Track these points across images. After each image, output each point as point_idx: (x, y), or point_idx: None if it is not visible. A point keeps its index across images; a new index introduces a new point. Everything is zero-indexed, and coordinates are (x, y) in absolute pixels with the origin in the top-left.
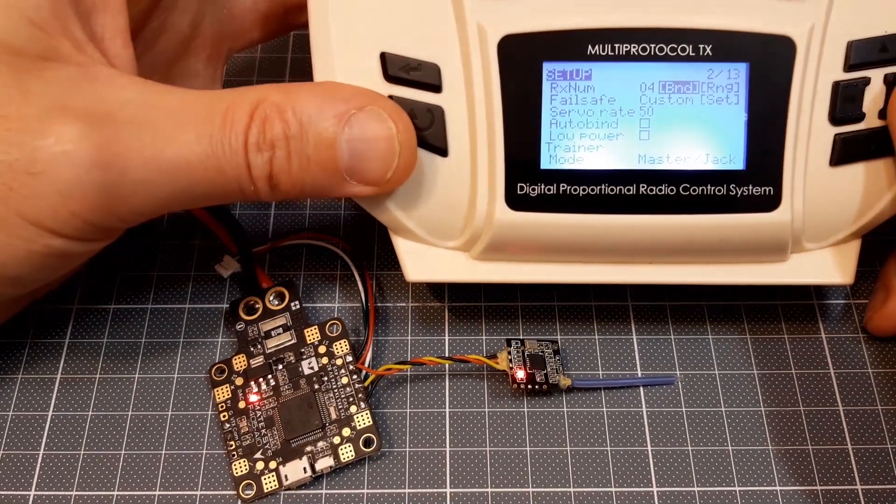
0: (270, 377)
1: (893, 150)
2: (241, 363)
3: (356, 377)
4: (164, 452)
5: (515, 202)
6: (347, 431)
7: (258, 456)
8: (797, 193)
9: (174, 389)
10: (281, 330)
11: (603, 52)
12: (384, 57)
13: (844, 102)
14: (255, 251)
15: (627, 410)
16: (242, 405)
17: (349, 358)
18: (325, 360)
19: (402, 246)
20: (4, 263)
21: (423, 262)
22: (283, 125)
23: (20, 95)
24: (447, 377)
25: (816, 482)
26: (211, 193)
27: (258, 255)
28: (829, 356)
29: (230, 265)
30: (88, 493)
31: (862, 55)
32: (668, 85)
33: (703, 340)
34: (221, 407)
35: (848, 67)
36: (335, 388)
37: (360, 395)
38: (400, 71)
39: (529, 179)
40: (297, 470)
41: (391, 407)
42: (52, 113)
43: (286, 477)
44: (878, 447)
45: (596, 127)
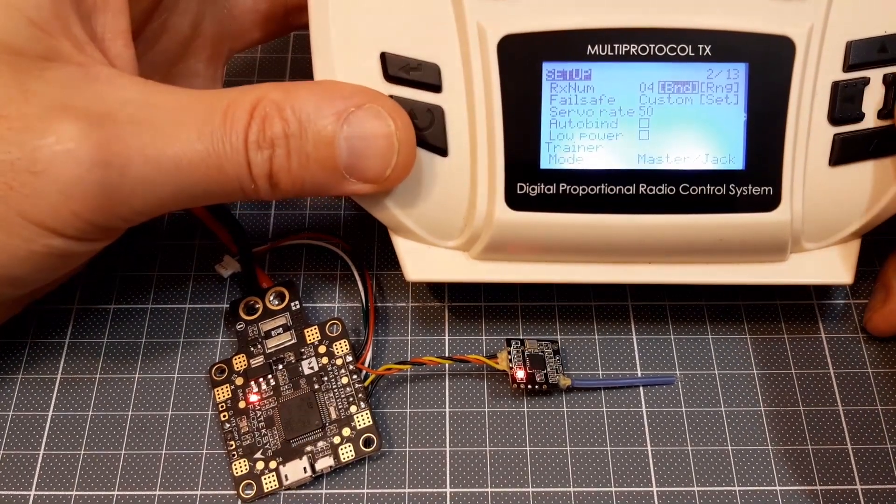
0: (270, 377)
1: (892, 149)
2: (241, 363)
3: (356, 377)
4: (164, 452)
5: (515, 202)
6: (347, 431)
7: (258, 456)
8: (796, 193)
9: (174, 389)
10: (281, 330)
11: (602, 52)
12: (384, 57)
13: (844, 102)
14: (255, 251)
15: (627, 410)
16: (242, 405)
17: (349, 358)
18: (325, 360)
19: (402, 246)
20: (4, 264)
21: (423, 261)
22: (282, 123)
23: (20, 95)
24: (447, 377)
25: (816, 482)
26: (212, 192)
27: (258, 255)
28: (828, 356)
29: (230, 265)
30: (88, 492)
31: (861, 55)
32: (667, 85)
33: (702, 340)
34: (221, 407)
35: (847, 67)
36: (335, 387)
37: (360, 395)
38: (400, 71)
39: (529, 179)
40: (297, 470)
41: (391, 407)
42: (52, 112)
43: (286, 477)
44: (877, 447)
45: (595, 127)
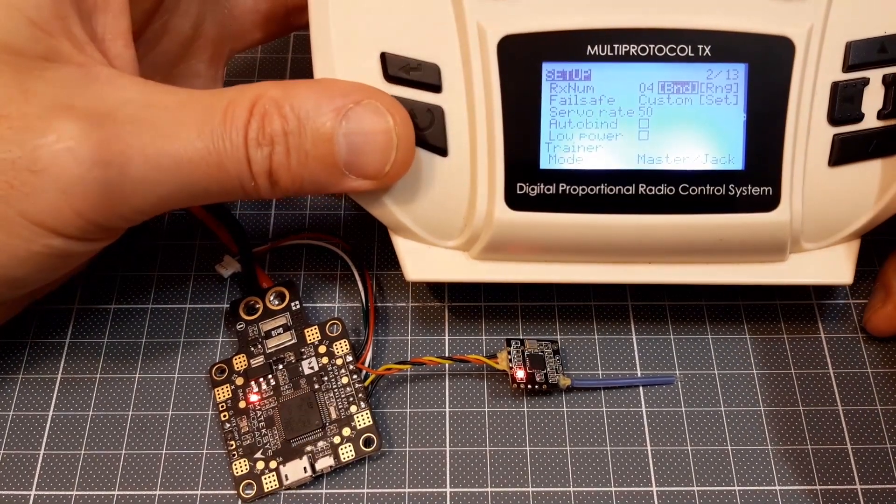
0: (271, 377)
1: (892, 150)
2: (241, 363)
3: (356, 377)
4: (164, 452)
5: (515, 202)
6: (347, 431)
7: (258, 456)
8: (796, 193)
9: (174, 389)
10: (281, 330)
11: (602, 52)
12: (384, 57)
13: (843, 103)
14: (255, 251)
15: (627, 410)
16: (243, 405)
17: (349, 358)
18: (325, 359)
19: (401, 246)
20: (4, 264)
21: (422, 261)
22: (281, 121)
23: (21, 95)
24: (447, 377)
25: (816, 482)
26: (212, 190)
27: (258, 255)
28: (828, 356)
29: (230, 265)
30: (89, 492)
31: (861, 56)
32: (667, 85)
33: (702, 340)
34: (222, 407)
35: (847, 68)
36: (335, 387)
37: (360, 394)
38: (400, 71)
39: (529, 179)
40: (297, 469)
41: (391, 407)
42: (53, 112)
43: (286, 477)
44: (877, 447)
45: (595, 127)
